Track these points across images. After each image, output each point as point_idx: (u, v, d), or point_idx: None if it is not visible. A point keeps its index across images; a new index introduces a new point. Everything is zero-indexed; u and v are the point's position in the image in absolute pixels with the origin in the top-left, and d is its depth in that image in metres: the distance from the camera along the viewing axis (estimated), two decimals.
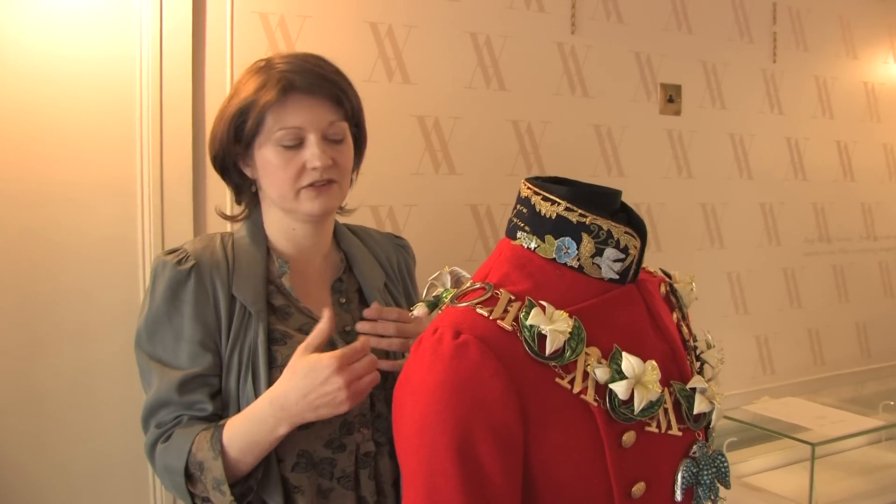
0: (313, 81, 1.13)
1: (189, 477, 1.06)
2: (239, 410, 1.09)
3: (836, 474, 2.14)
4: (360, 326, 1.19)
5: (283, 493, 1.09)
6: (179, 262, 1.12)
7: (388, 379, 1.16)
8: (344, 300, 1.23)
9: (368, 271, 1.26)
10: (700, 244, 2.31)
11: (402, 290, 1.32)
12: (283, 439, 1.07)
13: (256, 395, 1.09)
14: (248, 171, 1.19)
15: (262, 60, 1.17)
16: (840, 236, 2.64)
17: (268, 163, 1.13)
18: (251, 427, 1.05)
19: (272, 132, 1.12)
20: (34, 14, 1.42)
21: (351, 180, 1.26)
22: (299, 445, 1.11)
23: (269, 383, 1.09)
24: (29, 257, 1.44)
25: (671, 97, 2.22)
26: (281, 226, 1.21)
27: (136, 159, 1.52)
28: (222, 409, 1.12)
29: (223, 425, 1.07)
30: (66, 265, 1.47)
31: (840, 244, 2.64)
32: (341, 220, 1.33)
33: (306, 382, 1.03)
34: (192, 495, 1.07)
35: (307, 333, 1.13)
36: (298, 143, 1.13)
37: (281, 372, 1.08)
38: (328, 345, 1.14)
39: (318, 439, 1.12)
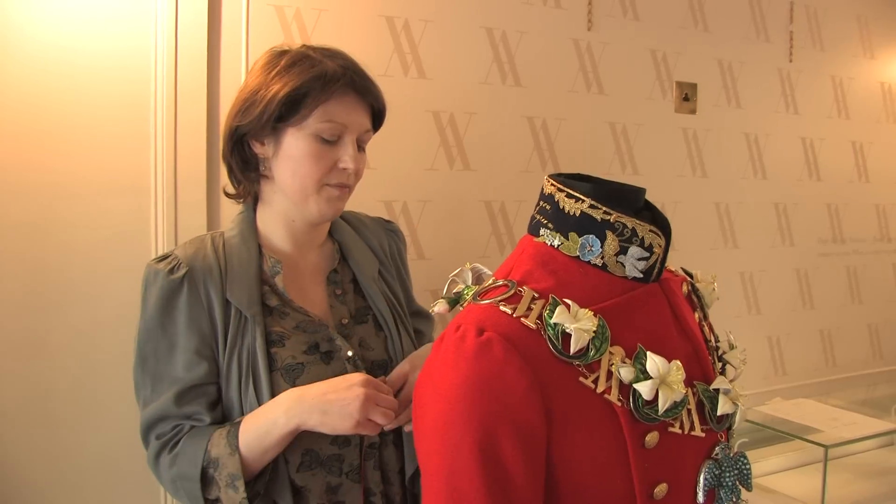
0: (366, 86, 1.14)
1: (203, 480, 1.04)
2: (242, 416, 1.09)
3: (847, 476, 2.13)
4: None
5: (292, 493, 1.09)
6: (171, 271, 1.10)
7: (389, 368, 1.17)
8: (340, 292, 1.22)
9: (363, 260, 1.26)
10: (714, 244, 2.30)
11: (395, 274, 1.32)
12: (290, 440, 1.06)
13: (259, 400, 1.08)
14: (259, 150, 1.16)
15: (304, 47, 1.14)
16: (854, 237, 2.62)
17: (297, 150, 1.11)
18: (263, 418, 1.05)
19: (316, 122, 1.10)
20: (49, 7, 1.42)
21: None
22: (303, 444, 1.10)
23: (271, 386, 1.08)
24: (40, 253, 1.43)
25: (687, 95, 2.20)
26: (282, 216, 1.18)
27: (150, 154, 1.51)
28: (222, 418, 1.10)
29: (240, 422, 1.07)
30: (79, 261, 1.46)
31: (854, 245, 2.62)
32: None
33: (331, 383, 1.06)
34: (205, 501, 1.06)
35: (304, 332, 1.13)
36: (335, 141, 1.12)
37: (281, 375, 1.09)
38: (325, 339, 1.14)
39: (323, 437, 1.10)
